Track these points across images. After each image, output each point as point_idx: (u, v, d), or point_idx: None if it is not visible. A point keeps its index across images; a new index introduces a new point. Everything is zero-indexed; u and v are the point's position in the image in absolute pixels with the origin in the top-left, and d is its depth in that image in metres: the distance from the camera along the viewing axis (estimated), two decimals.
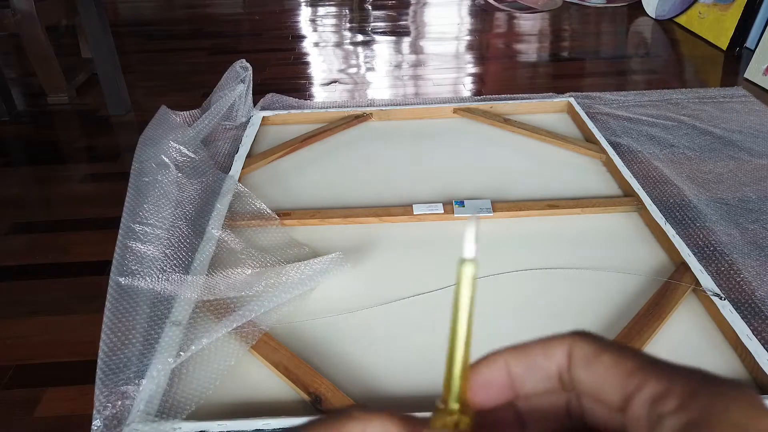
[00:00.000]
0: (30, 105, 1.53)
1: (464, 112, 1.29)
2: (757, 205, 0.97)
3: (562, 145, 1.15)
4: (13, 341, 0.77)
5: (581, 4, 2.29)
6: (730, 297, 0.77)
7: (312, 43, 1.99)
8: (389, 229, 0.93)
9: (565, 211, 0.95)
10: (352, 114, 1.30)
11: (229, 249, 0.87)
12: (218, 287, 0.77)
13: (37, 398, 0.69)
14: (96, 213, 1.04)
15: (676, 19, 1.97)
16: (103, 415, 0.62)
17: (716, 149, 1.15)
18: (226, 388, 0.67)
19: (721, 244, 0.88)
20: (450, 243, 0.90)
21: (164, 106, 1.20)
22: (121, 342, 0.70)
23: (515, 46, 1.89)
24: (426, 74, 1.66)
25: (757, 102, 1.35)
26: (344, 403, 0.63)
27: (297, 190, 1.05)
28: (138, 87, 1.61)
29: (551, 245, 0.88)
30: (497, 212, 0.94)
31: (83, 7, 1.34)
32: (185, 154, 1.06)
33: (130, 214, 0.89)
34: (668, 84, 1.50)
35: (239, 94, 1.29)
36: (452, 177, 1.07)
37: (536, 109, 1.31)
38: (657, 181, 1.05)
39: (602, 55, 1.79)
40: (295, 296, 0.77)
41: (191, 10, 2.47)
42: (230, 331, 0.70)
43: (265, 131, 1.27)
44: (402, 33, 2.07)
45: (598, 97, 1.39)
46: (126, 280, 0.77)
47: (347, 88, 1.57)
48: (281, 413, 0.62)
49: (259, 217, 0.94)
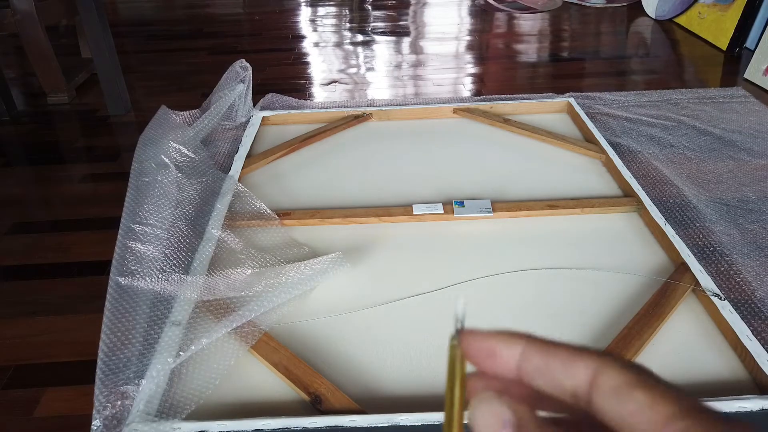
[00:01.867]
0: (30, 105, 1.53)
1: (464, 112, 1.29)
2: (757, 205, 0.97)
3: (562, 145, 1.15)
4: (13, 341, 0.77)
5: (581, 4, 2.29)
6: (729, 297, 0.77)
7: (312, 43, 1.99)
8: (389, 229, 0.93)
9: (564, 212, 0.95)
10: (351, 114, 1.30)
11: (228, 249, 0.87)
12: (218, 287, 0.77)
13: (36, 398, 0.69)
14: (96, 213, 1.04)
15: (676, 20, 1.97)
16: (102, 415, 0.61)
17: (716, 149, 1.15)
18: (226, 388, 0.67)
19: (721, 244, 0.88)
20: (450, 243, 0.90)
21: (164, 106, 1.20)
22: (120, 342, 0.70)
23: (515, 47, 1.89)
24: (426, 74, 1.66)
25: (756, 102, 1.35)
26: (344, 403, 0.63)
27: (297, 190, 1.05)
28: (138, 87, 1.61)
29: (551, 245, 0.88)
30: (497, 212, 0.94)
31: (83, 7, 1.34)
32: (185, 154, 1.06)
33: (130, 214, 0.89)
34: (668, 84, 1.50)
35: (239, 94, 1.29)
36: (452, 177, 1.07)
37: (536, 109, 1.31)
38: (657, 182, 1.05)
39: (602, 55, 1.79)
40: (294, 296, 0.77)
41: (191, 10, 2.47)
42: (230, 331, 0.70)
43: (265, 131, 1.27)
44: (402, 33, 2.07)
45: (598, 97, 1.39)
46: (126, 280, 0.77)
47: (347, 88, 1.57)
48: (281, 413, 0.62)
49: (258, 217, 0.94)
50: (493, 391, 0.18)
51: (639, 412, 0.15)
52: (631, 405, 0.16)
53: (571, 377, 0.17)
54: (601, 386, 0.16)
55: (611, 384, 0.16)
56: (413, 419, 0.59)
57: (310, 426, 0.59)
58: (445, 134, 1.24)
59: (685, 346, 0.71)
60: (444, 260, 0.86)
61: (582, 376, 0.17)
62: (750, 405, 0.60)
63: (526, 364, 0.18)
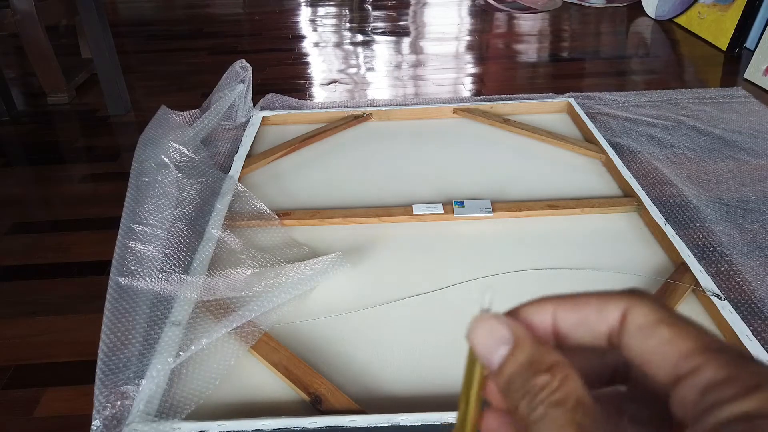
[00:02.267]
0: (30, 105, 1.53)
1: (464, 112, 1.29)
2: (757, 205, 0.97)
3: (561, 146, 1.15)
4: (13, 341, 0.77)
5: (581, 4, 2.29)
6: (729, 297, 0.77)
7: (312, 43, 1.99)
8: (389, 229, 0.93)
9: (564, 212, 0.95)
10: (351, 114, 1.30)
11: (228, 249, 0.87)
12: (218, 287, 0.77)
13: (36, 398, 0.69)
14: (96, 213, 1.04)
15: (676, 20, 1.97)
16: (102, 415, 0.61)
17: (716, 149, 1.15)
18: (226, 388, 0.67)
19: (721, 244, 0.88)
20: (450, 243, 0.90)
21: (164, 106, 1.20)
22: (120, 342, 0.70)
23: (515, 47, 1.89)
24: (426, 74, 1.66)
25: (756, 102, 1.35)
26: (344, 404, 0.63)
27: (297, 190, 1.05)
28: (138, 87, 1.61)
29: (551, 245, 0.88)
30: (497, 212, 0.94)
31: (83, 7, 1.34)
32: (185, 154, 1.06)
33: (130, 214, 0.89)
34: (668, 84, 1.50)
35: (239, 94, 1.29)
36: (452, 177, 1.07)
37: (536, 109, 1.31)
38: (657, 182, 1.05)
39: (602, 55, 1.79)
40: (294, 296, 0.77)
41: (191, 10, 2.47)
42: (230, 331, 0.70)
43: (265, 131, 1.27)
44: (402, 33, 2.07)
45: (598, 97, 1.39)
46: (126, 280, 0.77)
47: (347, 88, 1.57)
48: (281, 413, 0.62)
49: (258, 217, 0.94)
50: (495, 314, 0.18)
51: (660, 348, 0.16)
52: (653, 341, 0.16)
53: (604, 321, 0.17)
54: (629, 324, 0.16)
55: (638, 322, 0.16)
56: (413, 419, 0.59)
57: (310, 426, 0.59)
58: (445, 134, 1.24)
59: None
60: (444, 260, 0.86)
61: (613, 318, 0.17)
62: None
63: (561, 324, 0.18)
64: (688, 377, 0.15)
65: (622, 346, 0.17)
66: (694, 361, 0.15)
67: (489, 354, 0.17)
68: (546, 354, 0.17)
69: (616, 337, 0.17)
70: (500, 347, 0.17)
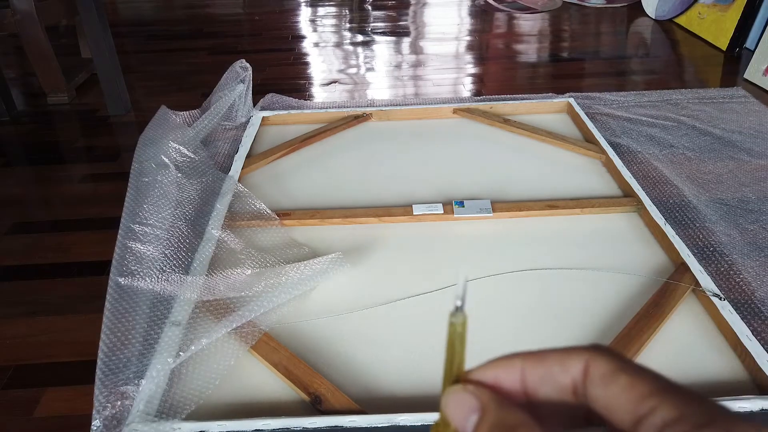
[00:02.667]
0: (30, 105, 1.53)
1: (464, 112, 1.29)
2: (757, 205, 0.97)
3: (561, 146, 1.15)
4: (13, 341, 0.77)
5: (581, 4, 2.29)
6: (729, 297, 0.77)
7: (312, 43, 1.99)
8: (389, 229, 0.93)
9: (564, 212, 0.95)
10: (351, 114, 1.30)
11: (228, 249, 0.87)
12: (218, 287, 0.77)
13: (36, 398, 0.69)
14: (96, 213, 1.04)
15: (676, 20, 1.97)
16: (102, 415, 0.61)
17: (716, 150, 1.15)
18: (226, 388, 0.67)
19: (721, 244, 0.88)
20: (450, 243, 0.90)
21: (164, 106, 1.20)
22: (120, 342, 0.70)
23: (515, 47, 1.89)
24: (426, 74, 1.66)
25: (756, 102, 1.35)
26: (344, 404, 0.63)
27: (297, 190, 1.05)
28: (138, 87, 1.61)
29: (551, 245, 0.88)
30: (497, 212, 0.94)
31: (83, 7, 1.34)
32: (185, 155, 1.06)
33: (130, 214, 0.89)
34: (668, 84, 1.50)
35: (239, 94, 1.29)
36: (452, 177, 1.07)
37: (536, 109, 1.31)
38: (657, 182, 1.05)
39: (602, 55, 1.79)
40: (294, 296, 0.77)
41: (191, 10, 2.47)
42: (230, 331, 0.70)
43: (265, 131, 1.27)
44: (402, 33, 2.07)
45: (598, 97, 1.39)
46: (126, 281, 0.77)
47: (347, 89, 1.57)
48: (281, 413, 0.62)
49: (258, 218, 0.94)
50: (464, 383, 0.19)
51: (621, 393, 0.16)
52: (615, 387, 0.17)
53: (568, 374, 0.18)
54: (592, 375, 0.17)
55: (600, 372, 0.17)
56: (413, 419, 0.59)
57: (310, 426, 0.60)
58: (445, 134, 1.24)
59: (685, 346, 0.71)
60: (444, 260, 0.86)
61: (576, 369, 0.18)
62: (750, 405, 0.60)
63: (529, 378, 0.18)
64: (647, 418, 0.16)
65: (587, 396, 0.17)
66: (651, 402, 0.16)
67: (462, 423, 0.18)
68: (511, 415, 0.18)
69: (580, 388, 0.18)
70: (470, 415, 0.18)
